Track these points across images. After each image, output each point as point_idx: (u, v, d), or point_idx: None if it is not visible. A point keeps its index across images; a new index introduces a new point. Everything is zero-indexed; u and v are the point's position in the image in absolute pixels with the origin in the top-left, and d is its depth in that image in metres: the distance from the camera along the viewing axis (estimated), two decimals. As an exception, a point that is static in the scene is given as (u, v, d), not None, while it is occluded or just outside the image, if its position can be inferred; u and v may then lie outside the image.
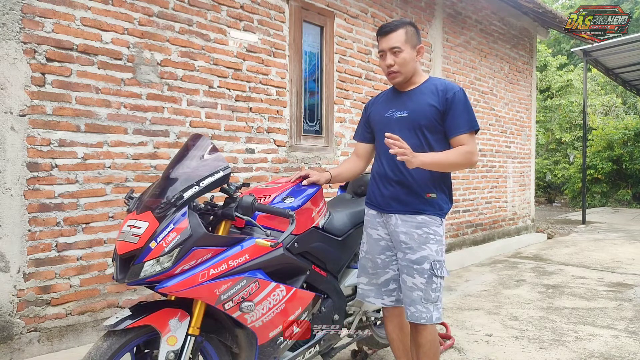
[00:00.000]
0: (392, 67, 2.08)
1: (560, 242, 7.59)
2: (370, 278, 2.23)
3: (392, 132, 2.11)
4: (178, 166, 1.80)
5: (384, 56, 2.10)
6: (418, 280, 2.03)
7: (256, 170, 3.68)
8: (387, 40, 2.07)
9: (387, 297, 2.20)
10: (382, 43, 2.10)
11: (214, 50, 3.39)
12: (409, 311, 2.06)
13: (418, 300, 2.03)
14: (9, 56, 2.50)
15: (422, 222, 2.06)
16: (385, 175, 2.14)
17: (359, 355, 2.85)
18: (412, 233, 2.06)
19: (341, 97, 4.36)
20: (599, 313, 3.86)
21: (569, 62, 19.14)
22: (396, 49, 2.05)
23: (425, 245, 2.04)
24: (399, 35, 2.06)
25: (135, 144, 2.99)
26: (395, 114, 2.14)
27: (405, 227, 2.07)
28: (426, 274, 2.02)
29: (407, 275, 2.06)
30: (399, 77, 2.11)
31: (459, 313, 3.84)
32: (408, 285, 2.06)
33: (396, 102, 2.18)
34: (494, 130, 6.57)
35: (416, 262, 2.04)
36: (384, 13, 4.77)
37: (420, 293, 2.03)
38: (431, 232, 2.06)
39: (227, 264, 1.73)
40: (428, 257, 2.03)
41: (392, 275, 2.18)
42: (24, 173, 2.57)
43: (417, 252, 2.04)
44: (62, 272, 2.72)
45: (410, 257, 2.05)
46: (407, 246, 2.06)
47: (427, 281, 2.03)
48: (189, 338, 1.72)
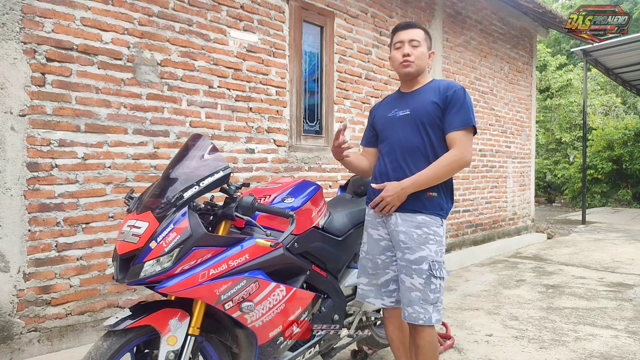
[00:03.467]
0: (408, 56, 2.12)
1: (560, 242, 7.59)
2: (370, 278, 2.23)
3: (394, 130, 2.15)
4: (178, 166, 1.79)
5: (402, 47, 2.14)
6: (416, 281, 2.02)
7: (256, 170, 3.69)
8: (408, 33, 2.14)
9: (387, 297, 2.20)
10: (401, 35, 2.15)
11: (214, 50, 3.39)
12: (406, 312, 2.05)
13: (416, 301, 2.02)
14: (9, 56, 2.50)
15: (422, 222, 2.06)
16: (386, 174, 2.14)
17: (359, 355, 2.85)
18: (412, 233, 2.05)
19: (341, 97, 4.36)
20: (599, 313, 3.85)
21: (568, 62, 19.14)
22: (415, 42, 2.13)
23: (425, 245, 2.04)
24: (419, 32, 2.15)
25: (135, 144, 2.99)
26: (397, 113, 2.17)
27: (405, 227, 2.06)
28: (424, 274, 2.02)
29: (406, 276, 2.05)
30: (412, 66, 2.13)
31: (459, 313, 3.84)
32: (406, 286, 2.05)
33: (400, 102, 2.21)
34: (494, 130, 6.57)
35: (415, 263, 2.03)
36: (384, 13, 4.77)
37: (418, 294, 2.02)
38: (431, 233, 2.05)
39: (227, 264, 1.73)
40: (427, 257, 2.03)
41: (392, 276, 2.18)
42: (24, 173, 2.57)
43: (416, 252, 2.03)
44: (62, 272, 2.72)
45: (408, 257, 2.05)
46: (405, 246, 2.05)
47: (426, 282, 2.02)
48: (189, 338, 1.72)
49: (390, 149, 2.15)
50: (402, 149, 2.10)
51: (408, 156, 2.08)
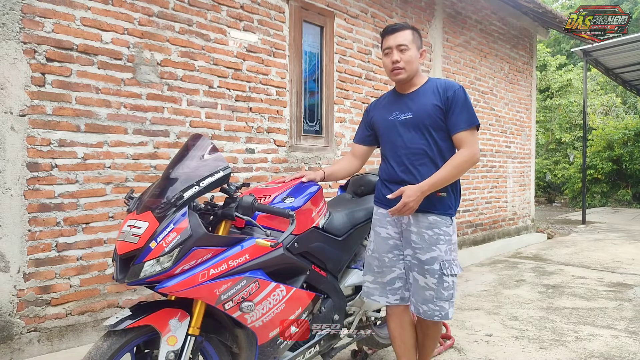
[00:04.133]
0: (398, 63, 2.12)
1: (560, 242, 7.59)
2: (376, 277, 2.25)
3: (397, 133, 2.18)
4: (178, 166, 1.79)
5: (390, 53, 2.15)
6: (430, 281, 2.10)
7: (256, 170, 3.68)
8: (395, 37, 2.13)
9: (391, 295, 2.23)
10: (388, 40, 2.15)
11: (214, 50, 3.39)
12: (421, 309, 2.13)
13: (430, 299, 2.11)
14: (9, 56, 2.50)
15: (433, 223, 2.11)
16: (396, 177, 2.17)
17: (359, 355, 2.85)
18: (423, 234, 2.11)
19: (341, 97, 4.36)
20: (599, 313, 3.86)
21: (568, 62, 19.14)
22: (403, 47, 2.12)
23: (435, 246, 2.10)
24: (406, 34, 2.14)
25: (135, 144, 2.99)
26: (399, 117, 2.18)
27: (417, 227, 2.12)
28: (436, 274, 2.09)
29: (419, 274, 2.13)
30: (403, 73, 2.14)
31: (459, 313, 3.84)
32: (420, 285, 2.13)
33: (399, 104, 2.22)
34: (494, 130, 6.57)
35: (426, 263, 2.10)
36: (384, 13, 4.77)
37: (432, 293, 2.10)
38: (441, 233, 2.11)
39: (227, 264, 1.73)
40: (437, 257, 2.09)
41: (397, 274, 2.21)
42: (24, 173, 2.57)
43: (427, 252, 2.10)
44: (62, 272, 2.72)
45: (419, 256, 2.11)
46: (417, 246, 2.12)
47: (438, 281, 2.09)
48: (189, 338, 1.72)
49: (396, 153, 2.18)
50: (408, 153, 2.14)
51: (415, 160, 2.13)
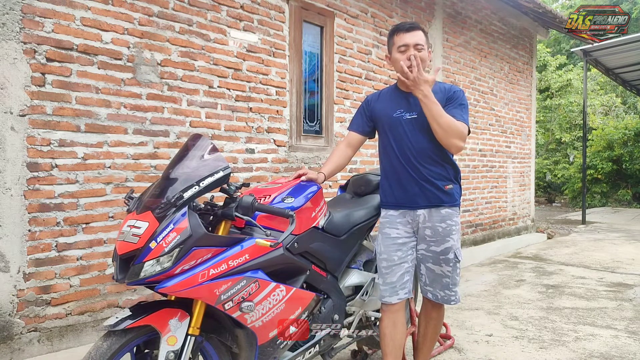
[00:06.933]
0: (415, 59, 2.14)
1: (560, 242, 7.59)
2: (385, 278, 2.28)
3: (402, 132, 2.23)
4: (178, 166, 1.79)
5: (407, 51, 2.16)
6: (445, 269, 2.25)
7: (256, 170, 3.68)
8: (413, 36, 2.16)
9: (401, 290, 2.27)
10: (406, 38, 2.17)
11: (214, 50, 3.39)
12: (438, 295, 2.30)
13: (447, 286, 2.28)
14: (9, 56, 2.50)
15: (445, 215, 2.23)
16: (405, 174, 2.23)
17: (359, 355, 2.85)
18: (437, 227, 2.23)
19: (341, 97, 4.36)
20: (599, 313, 3.86)
21: (568, 62, 19.13)
22: (420, 46, 2.16)
23: (449, 237, 2.23)
24: (421, 34, 2.20)
25: (135, 144, 2.99)
26: (404, 115, 2.23)
27: (431, 222, 2.23)
28: (451, 262, 2.25)
29: (434, 264, 2.26)
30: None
31: (459, 313, 3.84)
32: (437, 274, 2.27)
33: (403, 102, 2.25)
34: (494, 130, 6.57)
35: (442, 254, 2.23)
36: (384, 13, 4.77)
37: (448, 280, 2.27)
38: (453, 224, 2.24)
39: (227, 264, 1.73)
40: (452, 247, 2.24)
41: (406, 268, 2.28)
42: (24, 173, 2.57)
43: (442, 244, 2.23)
44: (62, 272, 2.72)
45: (434, 249, 2.24)
46: (431, 239, 2.24)
47: (453, 268, 2.26)
48: (189, 338, 1.72)
49: (402, 151, 2.23)
50: (414, 152, 2.20)
51: (421, 158, 2.20)
